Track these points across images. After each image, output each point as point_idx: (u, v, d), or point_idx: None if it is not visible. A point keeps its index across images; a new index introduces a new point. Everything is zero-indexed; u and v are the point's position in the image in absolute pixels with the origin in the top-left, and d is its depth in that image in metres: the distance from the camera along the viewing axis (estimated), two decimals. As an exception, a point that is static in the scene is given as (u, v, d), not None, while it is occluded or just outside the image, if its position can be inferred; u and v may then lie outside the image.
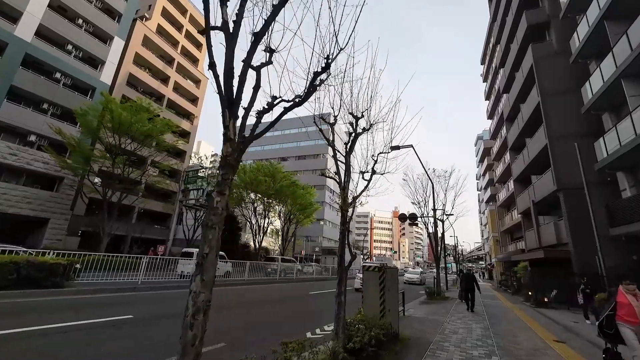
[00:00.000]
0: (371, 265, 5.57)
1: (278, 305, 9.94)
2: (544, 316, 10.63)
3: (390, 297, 5.17)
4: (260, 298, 11.43)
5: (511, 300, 16.62)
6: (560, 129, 15.26)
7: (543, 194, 16.24)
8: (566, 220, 13.95)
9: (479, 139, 56.73)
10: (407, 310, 10.22)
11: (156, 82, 33.78)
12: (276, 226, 38.91)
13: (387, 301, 5.03)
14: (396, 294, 5.65)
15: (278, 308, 9.52)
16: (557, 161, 14.82)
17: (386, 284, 5.08)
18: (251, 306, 9.45)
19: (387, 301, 5.01)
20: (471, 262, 77.27)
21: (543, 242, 16.47)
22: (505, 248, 30.32)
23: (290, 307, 9.91)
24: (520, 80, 19.11)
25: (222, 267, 16.85)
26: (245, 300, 10.52)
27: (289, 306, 10.00)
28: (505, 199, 27.64)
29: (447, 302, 13.47)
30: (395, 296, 5.58)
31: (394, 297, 5.40)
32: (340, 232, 4.61)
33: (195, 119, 38.97)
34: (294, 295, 12.80)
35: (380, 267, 5.30)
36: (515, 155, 21.76)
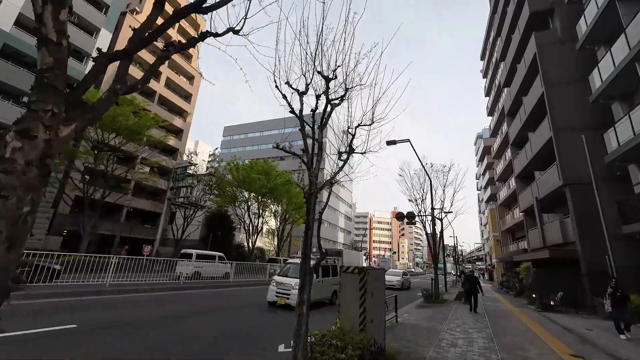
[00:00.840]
0: (349, 266, 4.60)
1: (257, 312, 8.98)
2: (553, 322, 9.67)
3: (374, 305, 4.23)
4: (244, 302, 10.48)
5: (514, 302, 15.66)
6: (565, 120, 14.34)
7: (547, 190, 15.30)
8: (573, 218, 13.00)
9: (479, 138, 55.88)
10: (401, 316, 9.28)
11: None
12: (271, 226, 37.95)
13: (370, 310, 4.08)
14: (382, 300, 4.72)
15: (257, 315, 8.56)
16: (563, 155, 13.89)
17: (368, 289, 4.13)
18: (231, 310, 8.50)
19: (369, 310, 4.06)
20: (471, 263, 76.35)
21: (548, 241, 15.53)
22: (506, 248, 29.37)
23: (272, 311, 8.94)
24: (523, 72, 18.20)
25: (222, 268, 17.02)
26: (228, 305, 9.56)
27: (270, 311, 9.03)
28: (506, 197, 26.71)
29: (445, 305, 12.51)
30: (382, 303, 4.65)
31: (378, 303, 4.46)
32: (305, 223, 3.67)
33: (189, 116, 38.06)
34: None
35: (362, 268, 4.35)
36: (517, 151, 20.83)
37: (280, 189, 31.27)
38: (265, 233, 42.50)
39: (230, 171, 30.52)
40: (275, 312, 8.83)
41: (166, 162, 25.60)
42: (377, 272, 4.68)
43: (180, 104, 37.00)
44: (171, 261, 14.27)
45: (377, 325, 4.26)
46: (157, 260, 13.79)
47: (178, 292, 11.32)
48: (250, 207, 31.41)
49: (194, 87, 39.24)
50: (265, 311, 8.97)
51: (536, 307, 12.89)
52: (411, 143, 15.86)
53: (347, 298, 4.21)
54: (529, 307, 13.72)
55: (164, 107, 34.83)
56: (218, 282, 15.10)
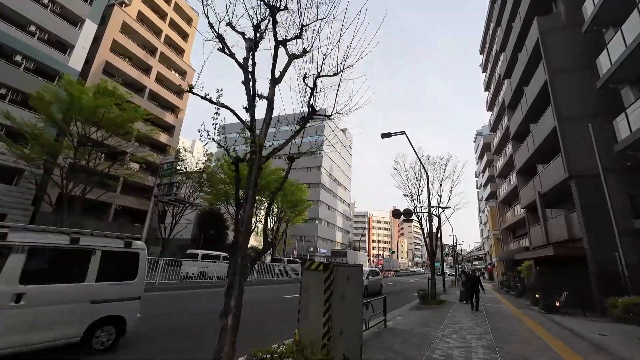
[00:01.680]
0: (313, 262, 3.67)
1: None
2: (560, 326, 8.76)
3: (345, 311, 3.32)
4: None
5: (516, 303, 14.76)
6: (570, 109, 13.44)
7: (551, 184, 14.40)
8: (579, 212, 12.10)
9: (478, 135, 55.01)
10: (392, 319, 8.38)
11: (137, 72, 31.91)
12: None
13: (338, 318, 3.16)
14: (358, 305, 3.81)
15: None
16: (568, 145, 12.98)
17: (336, 291, 3.22)
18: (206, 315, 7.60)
19: (337, 318, 3.14)
20: (470, 262, 75.49)
21: (551, 238, 14.62)
22: (507, 246, 28.48)
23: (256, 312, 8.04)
24: (524, 60, 17.29)
25: (226, 268, 16.07)
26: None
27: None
28: (507, 193, 25.82)
29: (442, 307, 11.61)
30: (357, 308, 3.74)
31: (352, 310, 3.55)
32: (235, 201, 2.78)
33: (181, 112, 37.09)
34: (268, 299, 10.94)
35: (327, 264, 3.42)
36: (518, 145, 19.92)
37: (274, 186, 30.31)
38: (260, 232, 41.68)
39: (221, 167, 29.59)
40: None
41: (154, 158, 24.60)
42: (351, 270, 3.77)
43: (172, 100, 36.08)
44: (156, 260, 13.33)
45: (350, 338, 3.36)
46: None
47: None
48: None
49: (187, 82, 38.22)
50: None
51: (540, 309, 11.98)
52: (407, 135, 14.95)
53: (308, 303, 3.29)
54: (532, 309, 12.81)
55: (155, 103, 33.92)
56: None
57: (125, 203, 28.35)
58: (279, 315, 8.56)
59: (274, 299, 11.58)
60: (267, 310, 9.17)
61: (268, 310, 9.20)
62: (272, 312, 8.92)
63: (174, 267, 13.52)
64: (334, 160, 67.45)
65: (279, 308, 9.64)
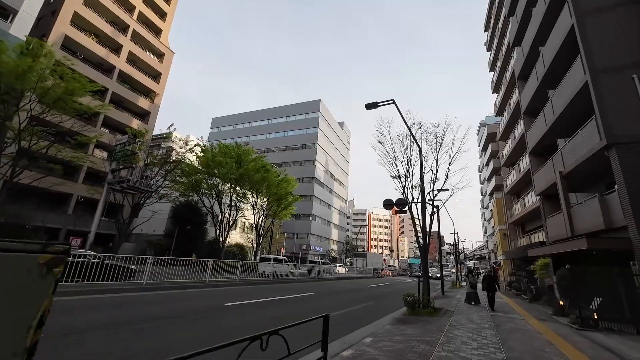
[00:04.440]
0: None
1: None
2: (612, 354, 5.66)
3: None
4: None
5: (533, 312, 11.63)
6: (607, 57, 10.28)
7: (578, 159, 11.23)
8: (623, 192, 8.94)
9: (482, 126, 51.75)
10: (353, 347, 5.34)
11: (104, 50, 28.91)
12: (250, 219, 33.92)
13: None
14: None
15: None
16: (606, 104, 9.82)
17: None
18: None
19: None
20: (472, 261, 72.23)
21: (579, 229, 11.44)
22: (515, 243, 25.31)
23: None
24: (541, 11, 14.12)
25: (286, 268, 21.81)
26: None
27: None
28: (515, 182, 22.64)
29: (437, 319, 8.50)
30: None
31: None
32: None
33: (157, 97, 34.08)
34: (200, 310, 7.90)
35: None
36: (532, 120, 16.74)
37: (254, 176, 27.26)
38: (247, 228, 38.65)
39: (196, 154, 26.62)
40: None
41: (100, 136, 21.28)
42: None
43: (147, 83, 33.10)
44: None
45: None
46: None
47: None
48: (220, 196, 27.44)
49: (164, 65, 35.30)
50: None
51: (570, 322, 8.84)
52: (396, 104, 11.81)
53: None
54: (557, 320, 9.69)
55: (126, 85, 30.92)
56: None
57: (72, 190, 25.22)
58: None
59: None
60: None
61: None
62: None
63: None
64: (330, 154, 64.27)
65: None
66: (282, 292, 13.28)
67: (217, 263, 13.91)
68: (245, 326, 6.46)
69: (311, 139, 59.30)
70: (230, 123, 70.00)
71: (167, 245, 27.35)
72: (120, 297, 8.94)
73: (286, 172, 35.01)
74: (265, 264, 20.28)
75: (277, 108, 66.27)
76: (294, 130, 61.78)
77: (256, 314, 7.87)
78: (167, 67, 35.52)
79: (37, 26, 25.40)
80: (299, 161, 58.80)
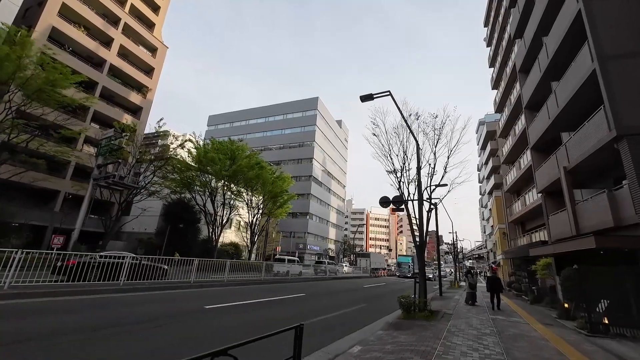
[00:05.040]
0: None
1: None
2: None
3: None
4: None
5: (536, 315, 11.00)
6: (617, 43, 9.63)
7: (585, 152, 10.58)
8: (636, 186, 8.30)
9: (481, 125, 51.19)
10: (339, 356, 4.68)
11: (94, 43, 28.10)
12: (245, 218, 33.17)
13: None
14: None
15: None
16: (614, 93, 9.17)
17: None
18: None
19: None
20: (469, 261, 71.83)
21: (585, 227, 10.81)
22: (515, 242, 24.72)
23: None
24: (544, 0, 13.46)
25: (299, 268, 23.57)
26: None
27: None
28: (515, 180, 22.02)
29: (434, 323, 7.84)
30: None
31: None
32: None
33: (150, 93, 33.27)
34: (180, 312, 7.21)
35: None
36: (534, 114, 16.10)
37: (248, 173, 26.54)
38: (242, 227, 37.89)
39: (188, 151, 25.91)
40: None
41: (85, 130, 20.45)
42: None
43: (140, 78, 32.29)
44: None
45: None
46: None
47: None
48: (213, 194, 26.71)
49: (158, 60, 34.48)
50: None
51: (579, 327, 8.19)
52: (392, 95, 11.15)
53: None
54: (563, 325, 9.05)
55: (117, 80, 30.13)
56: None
57: (53, 186, 24.30)
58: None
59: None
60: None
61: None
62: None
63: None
64: (328, 152, 63.52)
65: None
66: (274, 292, 12.61)
67: (203, 262, 13.20)
68: (218, 333, 5.78)
69: (309, 136, 58.57)
70: (227, 121, 69.17)
71: (158, 243, 26.62)
72: (93, 299, 8.25)
73: (282, 170, 34.29)
74: (281, 264, 22.37)
75: (275, 105, 65.47)
76: (292, 128, 61.02)
77: (235, 319, 7.18)
78: (160, 62, 34.71)
79: (24, 17, 24.64)
80: (297, 159, 58.08)
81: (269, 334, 2.45)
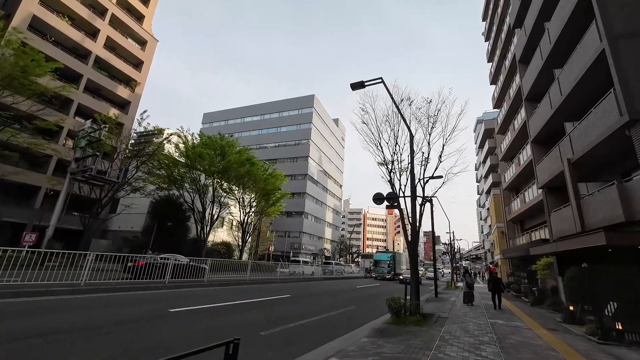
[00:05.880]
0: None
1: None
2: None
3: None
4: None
5: (538, 319, 10.13)
6: (627, 22, 8.80)
7: (592, 141, 9.73)
8: (650, 176, 7.46)
9: (479, 123, 50.48)
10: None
11: (79, 34, 27.05)
12: (237, 217, 32.17)
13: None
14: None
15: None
16: (626, 75, 8.33)
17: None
18: None
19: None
20: (465, 261, 71.13)
21: (592, 223, 9.94)
22: (513, 242, 23.91)
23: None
24: (547, -18, 12.65)
25: (311, 269, 26.13)
26: None
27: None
28: (514, 177, 21.23)
29: (426, 329, 6.94)
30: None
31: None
32: None
33: (139, 87, 32.23)
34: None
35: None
36: (535, 106, 15.29)
37: (238, 170, 25.58)
38: (235, 226, 36.87)
39: (176, 146, 24.93)
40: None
41: (61, 121, 19.20)
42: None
43: (128, 72, 31.25)
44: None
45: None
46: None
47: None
48: (203, 191, 25.72)
49: (147, 53, 33.45)
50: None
51: (588, 333, 7.32)
52: (384, 82, 10.27)
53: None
54: (570, 330, 8.18)
55: (103, 72, 29.09)
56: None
57: (26, 181, 23.15)
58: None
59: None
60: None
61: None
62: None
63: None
64: (324, 150, 62.57)
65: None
66: (257, 294, 11.67)
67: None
68: (164, 343, 4.83)
69: (304, 135, 57.65)
70: (222, 118, 68.13)
71: (145, 242, 25.61)
72: (42, 301, 7.28)
73: (274, 167, 33.31)
74: (296, 265, 25.41)
75: (270, 103, 64.51)
76: (287, 126, 60.09)
77: (194, 325, 6.23)
78: (150, 56, 33.67)
79: (4, 5, 23.61)
80: (292, 158, 57.14)
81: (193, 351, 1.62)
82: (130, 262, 11.07)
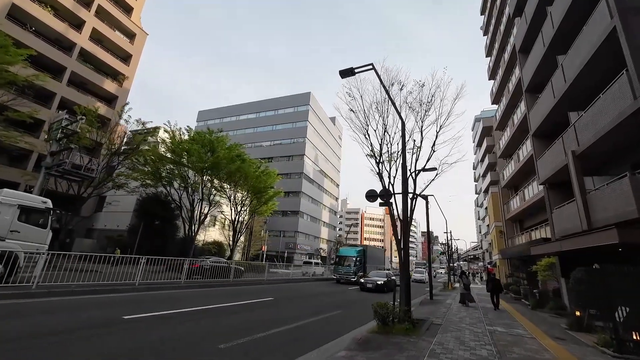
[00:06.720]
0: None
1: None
2: None
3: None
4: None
5: (539, 324, 9.26)
6: (641, -5, 7.96)
7: (600, 130, 8.87)
8: (670, 165, 6.59)
9: (477, 121, 49.76)
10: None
11: (62, 25, 26.00)
12: (228, 215, 31.17)
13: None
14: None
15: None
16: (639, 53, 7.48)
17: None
18: None
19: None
20: (461, 262, 70.47)
21: (599, 220, 9.08)
22: (512, 241, 23.09)
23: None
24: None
25: (320, 269, 28.67)
26: None
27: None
28: (513, 174, 20.41)
29: (413, 340, 6.04)
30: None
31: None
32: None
33: (127, 81, 31.18)
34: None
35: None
36: (536, 97, 14.45)
37: (229, 166, 24.62)
38: (227, 225, 35.88)
39: (162, 141, 23.94)
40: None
41: (35, 113, 18.10)
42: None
43: (115, 65, 30.20)
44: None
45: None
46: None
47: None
48: (191, 188, 24.74)
49: (136, 47, 32.43)
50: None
51: (601, 344, 6.44)
52: (375, 69, 9.36)
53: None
54: (578, 340, 7.30)
55: (89, 66, 28.06)
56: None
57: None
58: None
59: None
60: None
61: None
62: None
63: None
64: (320, 149, 61.62)
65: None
66: (235, 297, 10.74)
67: (152, 261, 11.30)
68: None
69: (300, 133, 56.70)
70: (217, 116, 67.12)
71: (130, 241, 24.61)
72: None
73: (267, 165, 32.35)
74: (308, 266, 27.12)
75: (266, 101, 63.55)
76: (283, 124, 59.14)
77: (149, 336, 5.29)
78: (139, 49, 32.65)
79: (-20, -6, 22.56)
80: (287, 156, 56.20)
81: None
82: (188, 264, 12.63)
